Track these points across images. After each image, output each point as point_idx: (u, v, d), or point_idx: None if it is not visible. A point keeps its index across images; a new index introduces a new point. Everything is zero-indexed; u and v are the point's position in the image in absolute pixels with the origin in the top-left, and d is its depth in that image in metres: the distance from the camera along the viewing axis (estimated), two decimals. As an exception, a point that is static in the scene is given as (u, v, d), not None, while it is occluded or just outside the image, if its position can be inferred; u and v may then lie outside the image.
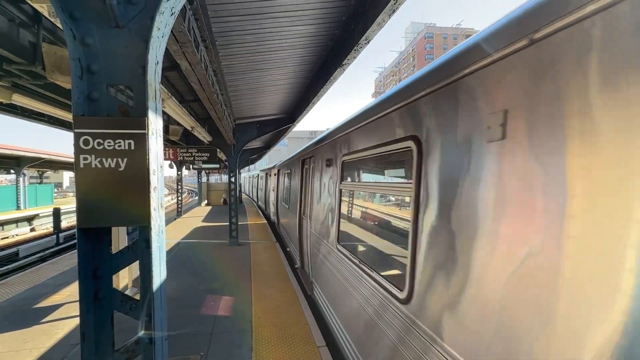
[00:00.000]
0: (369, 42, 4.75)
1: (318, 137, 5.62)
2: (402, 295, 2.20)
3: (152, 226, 1.60)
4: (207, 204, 26.98)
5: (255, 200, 25.98)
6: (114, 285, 1.67)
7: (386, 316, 2.44)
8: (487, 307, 1.47)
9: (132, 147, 1.53)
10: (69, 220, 23.00)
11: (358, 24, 4.77)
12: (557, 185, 1.20)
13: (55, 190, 37.86)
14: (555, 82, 1.23)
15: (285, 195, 9.99)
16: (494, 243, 1.45)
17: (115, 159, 1.51)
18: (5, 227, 20.71)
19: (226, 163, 14.96)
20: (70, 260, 8.94)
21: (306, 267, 6.33)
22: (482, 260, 1.51)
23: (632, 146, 1.00)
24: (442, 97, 1.90)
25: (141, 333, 1.61)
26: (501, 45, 1.47)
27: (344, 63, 5.62)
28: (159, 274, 1.69)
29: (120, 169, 1.52)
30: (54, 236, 17.71)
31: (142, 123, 1.54)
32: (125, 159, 1.53)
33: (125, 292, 1.85)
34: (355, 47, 4.90)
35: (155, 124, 1.65)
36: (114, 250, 1.67)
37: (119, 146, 1.51)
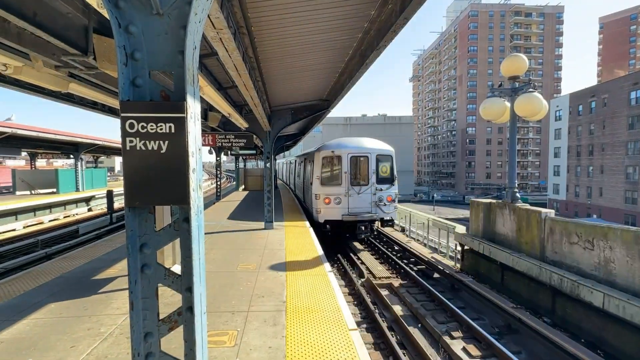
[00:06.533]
0: (407, 22, 4.54)
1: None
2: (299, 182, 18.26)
3: (192, 206, 1.68)
4: (244, 189, 27.88)
5: (293, 189, 25.19)
6: (158, 261, 1.79)
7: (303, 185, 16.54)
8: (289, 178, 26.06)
9: (173, 130, 1.60)
10: (120, 202, 24.87)
11: (396, 3, 4.57)
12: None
13: (108, 174, 40.93)
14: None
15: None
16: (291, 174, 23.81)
17: (157, 142, 1.59)
18: (67, 207, 22.86)
19: (262, 149, 15.27)
20: (121, 238, 9.72)
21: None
22: (292, 175, 23.78)
23: None
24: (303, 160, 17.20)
25: (183, 305, 1.73)
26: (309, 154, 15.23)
27: (380, 45, 5.44)
28: (198, 251, 1.78)
29: (162, 151, 1.60)
30: (108, 216, 19.28)
31: (181, 107, 1.60)
32: (166, 142, 1.60)
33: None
34: (393, 28, 4.71)
35: (193, 108, 1.71)
36: (158, 227, 1.78)
37: (161, 129, 1.59)
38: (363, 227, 12.17)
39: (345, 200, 12.25)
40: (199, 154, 1.82)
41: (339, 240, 13.37)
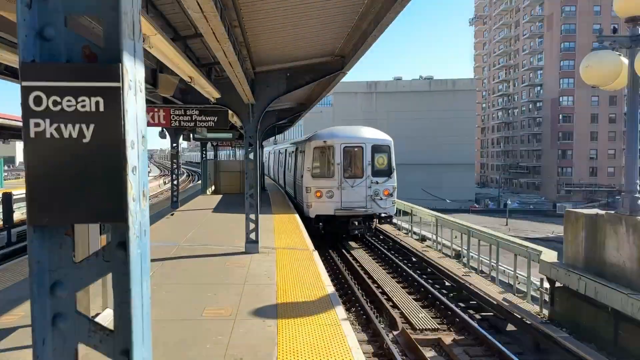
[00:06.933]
0: None
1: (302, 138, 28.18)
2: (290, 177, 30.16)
3: (131, 224, 1.66)
4: (215, 191, 28.03)
5: (283, 185, 30.83)
6: (80, 308, 1.79)
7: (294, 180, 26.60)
8: (279, 173, 38.28)
9: (101, 108, 1.57)
10: (24, 211, 25.08)
11: None
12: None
13: (6, 167, 41.33)
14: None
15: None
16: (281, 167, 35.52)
17: (77, 126, 1.57)
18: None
19: (242, 131, 15.31)
20: (26, 266, 9.81)
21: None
22: (282, 168, 34.57)
23: None
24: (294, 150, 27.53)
25: (115, 378, 1.72)
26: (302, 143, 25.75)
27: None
28: (141, 292, 1.77)
29: (84, 140, 1.57)
30: (4, 232, 19.37)
31: (114, 72, 1.58)
32: (91, 126, 1.57)
33: (96, 319, 1.97)
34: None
35: (133, 73, 1.70)
36: (79, 257, 1.78)
37: (83, 106, 1.56)
38: (356, 223, 16.29)
39: (338, 194, 16.37)
40: (144, 144, 1.81)
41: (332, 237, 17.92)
